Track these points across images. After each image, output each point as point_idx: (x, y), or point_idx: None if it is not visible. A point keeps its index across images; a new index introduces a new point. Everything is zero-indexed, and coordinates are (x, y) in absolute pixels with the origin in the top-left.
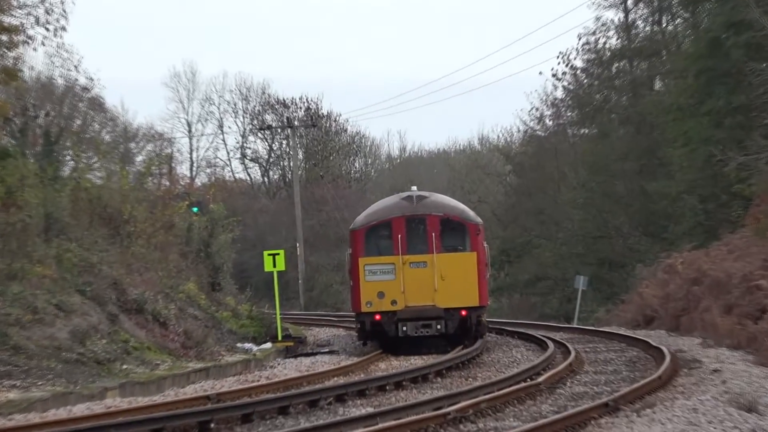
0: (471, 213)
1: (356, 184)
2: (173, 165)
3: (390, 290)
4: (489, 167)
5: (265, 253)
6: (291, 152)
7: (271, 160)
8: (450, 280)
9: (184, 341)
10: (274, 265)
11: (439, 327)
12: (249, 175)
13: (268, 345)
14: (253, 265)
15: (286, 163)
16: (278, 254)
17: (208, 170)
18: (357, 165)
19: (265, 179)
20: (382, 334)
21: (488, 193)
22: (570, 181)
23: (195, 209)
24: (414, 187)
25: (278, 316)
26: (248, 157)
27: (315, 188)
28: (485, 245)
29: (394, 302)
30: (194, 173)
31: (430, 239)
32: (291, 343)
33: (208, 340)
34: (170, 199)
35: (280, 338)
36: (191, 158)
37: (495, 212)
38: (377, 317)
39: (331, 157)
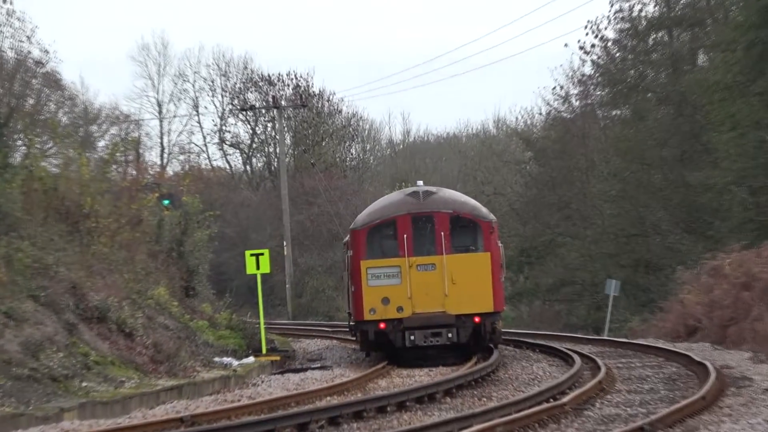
0: (483, 210)
1: (353, 173)
2: (141, 151)
3: (395, 296)
4: (506, 154)
5: (247, 253)
6: (277, 136)
7: (254, 145)
8: (461, 284)
9: (154, 355)
10: (258, 267)
11: (450, 336)
12: (229, 163)
13: (251, 359)
14: (233, 267)
15: (271, 149)
16: (262, 254)
17: (182, 157)
18: (353, 151)
19: (248, 168)
20: (386, 344)
21: (505, 184)
22: (600, 170)
23: (166, 202)
24: (420, 182)
25: (262, 326)
26: (228, 142)
27: (305, 178)
28: (500, 245)
29: (400, 309)
30: (165, 161)
31: (439, 239)
32: (277, 358)
33: (181, 354)
34: (137, 191)
35: (264, 351)
36: (162, 143)
37: (513, 206)
38: (382, 326)
39: (324, 143)
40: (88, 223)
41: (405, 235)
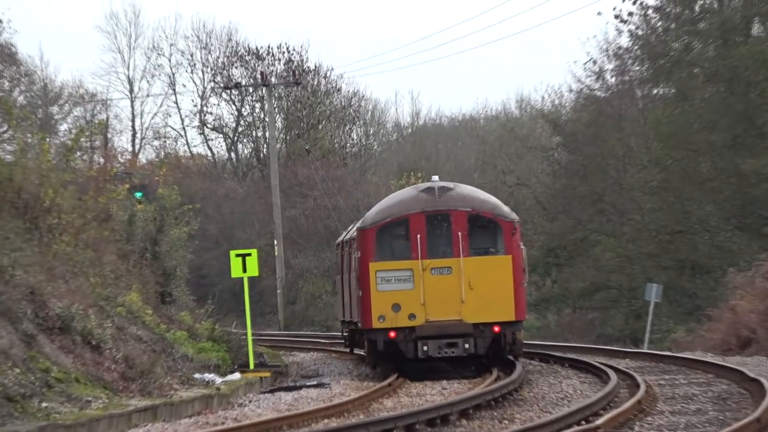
0: (505, 208)
1: (354, 161)
2: (109, 136)
3: (407, 302)
4: (531, 139)
5: (232, 253)
6: (266, 119)
7: (239, 129)
8: (480, 290)
9: (125, 371)
10: (244, 270)
11: (467, 346)
12: (211, 149)
13: (237, 376)
14: (216, 270)
15: (260, 134)
16: (249, 255)
17: (156, 143)
18: (354, 136)
19: (233, 155)
20: (396, 355)
21: (530, 174)
22: (639, 157)
23: (138, 195)
24: (435, 177)
25: (249, 338)
26: (209, 126)
27: (299, 167)
28: (522, 247)
29: (412, 316)
30: (137, 147)
31: (456, 240)
32: (267, 374)
33: (157, 370)
34: (106, 182)
35: (252, 367)
36: (133, 127)
37: (539, 199)
38: (392, 335)
39: (320, 126)
40: (48, 218)
41: (418, 236)
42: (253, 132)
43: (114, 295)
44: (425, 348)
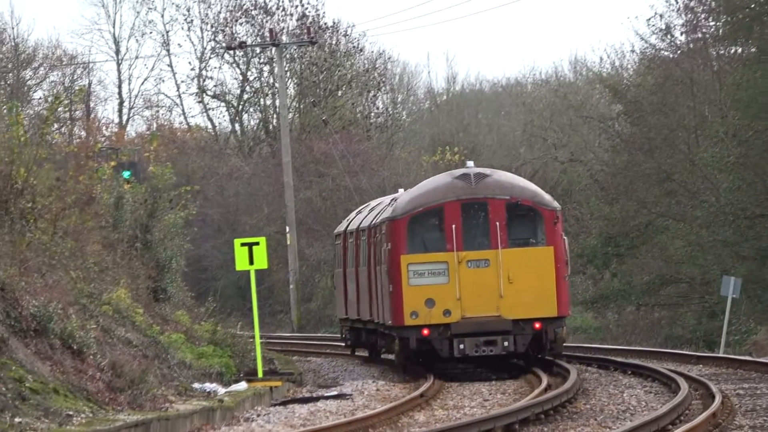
0: (546, 196)
1: (379, 133)
2: (92, 105)
3: (441, 297)
4: (587, 107)
5: (237, 242)
6: (276, 84)
7: (245, 97)
8: (520, 284)
9: (111, 380)
10: (251, 262)
11: (506, 344)
12: (211, 120)
13: (243, 386)
14: (217, 262)
15: (269, 102)
16: (257, 244)
17: (147, 113)
18: (380, 104)
19: (237, 127)
20: (430, 354)
21: (586, 148)
22: (714, 129)
23: (126, 174)
24: (471, 163)
25: (257, 340)
26: (210, 93)
27: (314, 141)
28: (564, 237)
29: (447, 312)
30: (125, 118)
31: (494, 230)
32: (278, 383)
33: (149, 378)
34: (88, 159)
35: (260, 374)
36: (120, 94)
37: (596, 177)
38: (425, 332)
39: (340, 93)
40: (21, 202)
41: (453, 226)
42: (261, 100)
43: (98, 292)
44: (461, 346)
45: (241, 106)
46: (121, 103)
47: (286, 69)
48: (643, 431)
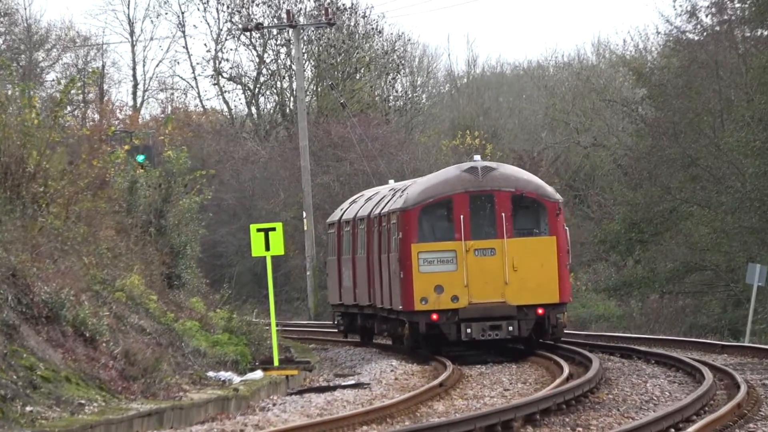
0: (549, 188)
1: (398, 117)
2: (106, 87)
3: (450, 284)
4: (610, 91)
5: (253, 227)
6: (293, 67)
7: (261, 79)
8: (524, 271)
9: (124, 368)
10: (267, 248)
11: (510, 329)
12: (227, 103)
13: (258, 374)
14: (233, 248)
15: (285, 85)
16: (273, 230)
17: (162, 96)
18: (399, 87)
19: (253, 110)
20: (438, 338)
21: (609, 133)
22: (740, 113)
23: (141, 158)
24: (477, 157)
25: (273, 329)
26: (226, 75)
27: (332, 124)
28: (566, 228)
29: (454, 298)
30: (140, 101)
31: (500, 221)
32: (294, 372)
33: (162, 367)
34: (102, 142)
35: (276, 363)
36: (134, 77)
37: (619, 162)
38: (434, 317)
39: (358, 75)
40: (33, 186)
41: (462, 216)
42: (278, 83)
43: (112, 278)
44: (468, 330)
45: (257, 89)
46: (135, 86)
47: (304, 51)
48: (666, 422)
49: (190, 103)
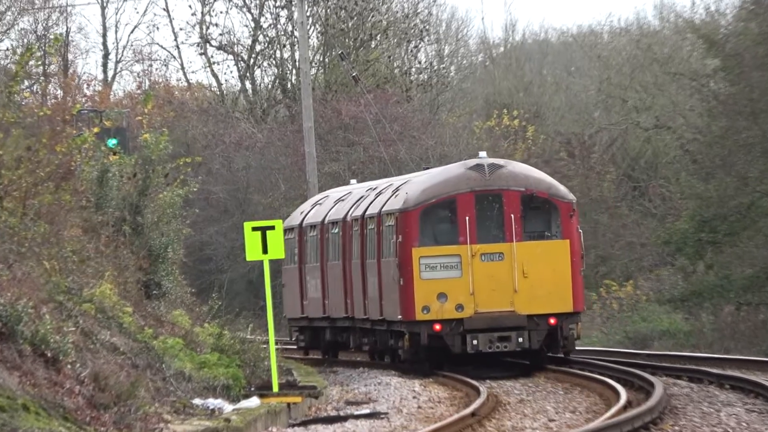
0: (562, 188)
1: (421, 93)
2: (71, 58)
3: (454, 291)
4: (675, 62)
5: (248, 226)
6: (296, 32)
7: (258, 48)
8: (535, 278)
9: (93, 394)
10: (265, 250)
11: (520, 340)
12: (216, 77)
13: (254, 402)
14: (224, 250)
15: (286, 55)
16: (272, 228)
17: (138, 68)
18: (423, 58)
19: (247, 85)
20: (441, 350)
21: (674, 112)
22: None
23: (113, 142)
24: (483, 153)
25: (272, 347)
26: (214, 43)
27: (343, 102)
28: (579, 230)
29: (459, 307)
30: (111, 74)
31: (509, 223)
32: (298, 399)
33: (139, 393)
34: (65, 123)
35: (276, 388)
36: (105, 45)
37: (687, 148)
38: (437, 327)
39: (374, 44)
40: None
41: (467, 218)
42: (277, 52)
43: (78, 287)
44: (474, 342)
45: (252, 60)
46: (105, 56)
47: (308, 14)
48: None
49: (171, 77)
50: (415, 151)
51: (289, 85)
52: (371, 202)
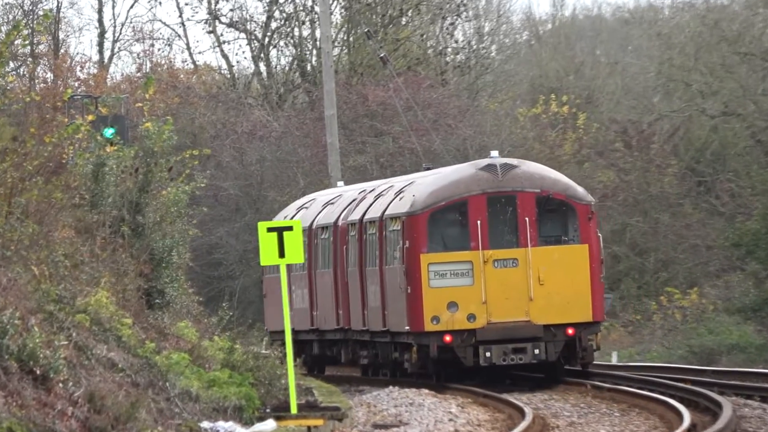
0: (579, 189)
1: (458, 76)
2: (62, 37)
3: (465, 300)
4: (746, 41)
5: (262, 226)
6: (317, 8)
7: (273, 25)
8: (551, 285)
9: (88, 417)
10: (282, 254)
11: (536, 352)
12: (226, 58)
13: (270, 425)
14: (235, 254)
15: (306, 33)
16: (290, 229)
17: (138, 48)
18: (460, 36)
19: (262, 67)
20: (451, 363)
21: (744, 97)
22: None
23: (109, 132)
24: (495, 153)
25: (290, 363)
26: (225, 20)
27: (369, 87)
28: (599, 234)
29: (471, 317)
30: (108, 55)
31: (523, 226)
32: (319, 421)
33: (140, 415)
34: (56, 111)
35: (294, 410)
36: (101, 22)
37: (759, 137)
38: (447, 339)
39: (404, 20)
40: None
41: (479, 222)
42: (296, 30)
43: (71, 295)
44: (488, 354)
45: (267, 39)
46: (101, 35)
47: None
48: None
49: (176, 58)
50: (451, 141)
51: (308, 68)
52: (370, 205)
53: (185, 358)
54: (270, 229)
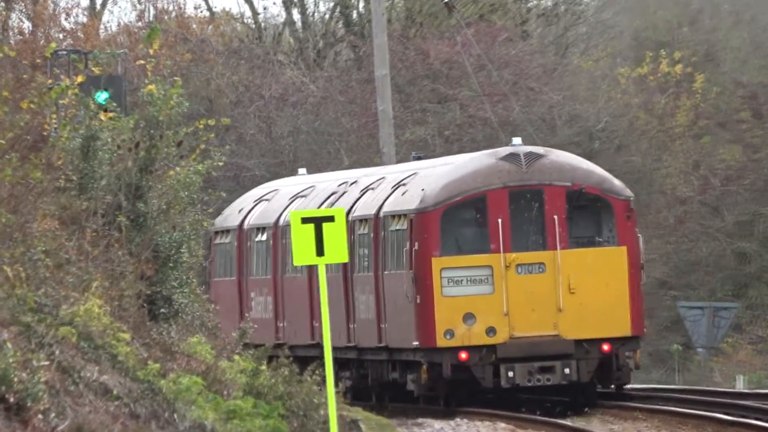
0: (616, 182)
1: (543, 26)
2: None
3: (484, 311)
4: None
5: (295, 216)
6: None
7: None
8: (584, 294)
9: None
10: (320, 252)
11: (567, 371)
12: (250, 3)
13: None
14: None
15: None
16: (331, 219)
17: None
18: None
19: (296, 16)
20: (467, 383)
21: None
22: None
23: (103, 96)
24: (517, 140)
25: (330, 388)
26: None
27: (430, 41)
28: (639, 235)
29: (491, 331)
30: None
31: (551, 226)
32: None
33: None
34: (36, 70)
35: None
36: None
37: None
38: (463, 356)
39: None
40: None
41: (499, 220)
42: None
43: (53, 303)
44: (510, 374)
45: None
46: None
47: None
48: None
49: (187, 4)
50: (534, 110)
51: (354, 16)
52: (356, 200)
53: (198, 383)
54: (305, 220)
